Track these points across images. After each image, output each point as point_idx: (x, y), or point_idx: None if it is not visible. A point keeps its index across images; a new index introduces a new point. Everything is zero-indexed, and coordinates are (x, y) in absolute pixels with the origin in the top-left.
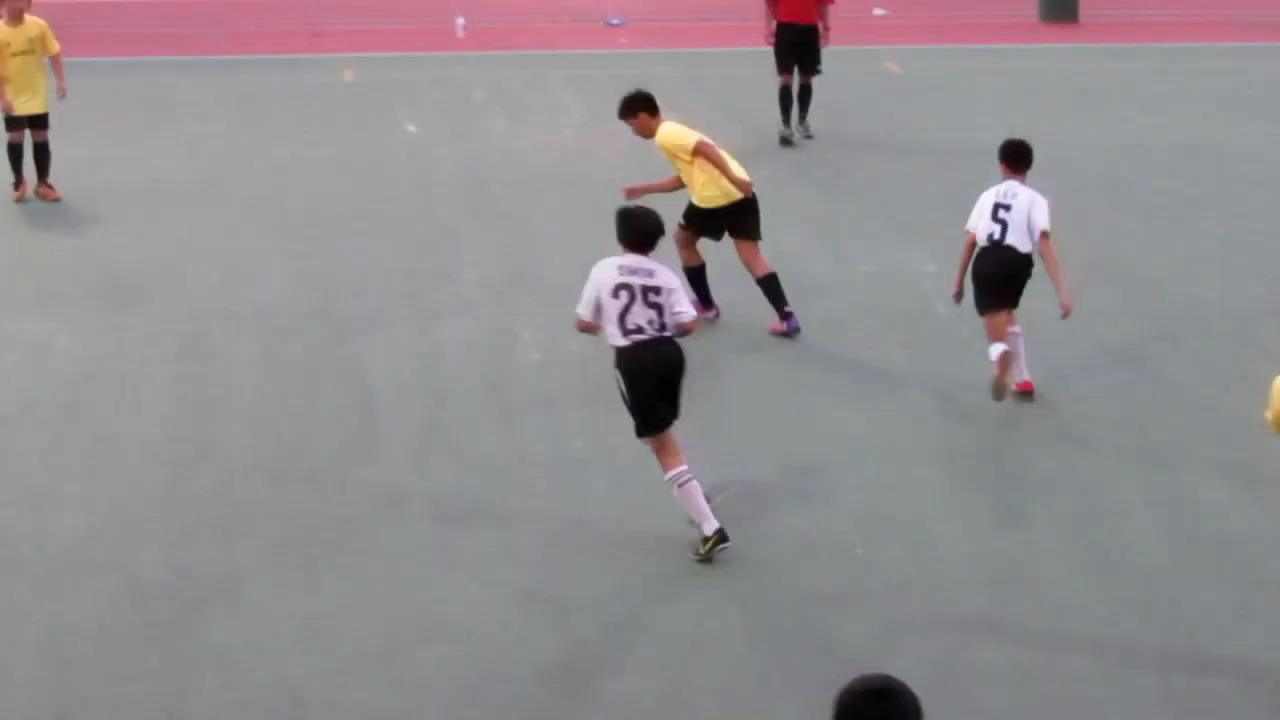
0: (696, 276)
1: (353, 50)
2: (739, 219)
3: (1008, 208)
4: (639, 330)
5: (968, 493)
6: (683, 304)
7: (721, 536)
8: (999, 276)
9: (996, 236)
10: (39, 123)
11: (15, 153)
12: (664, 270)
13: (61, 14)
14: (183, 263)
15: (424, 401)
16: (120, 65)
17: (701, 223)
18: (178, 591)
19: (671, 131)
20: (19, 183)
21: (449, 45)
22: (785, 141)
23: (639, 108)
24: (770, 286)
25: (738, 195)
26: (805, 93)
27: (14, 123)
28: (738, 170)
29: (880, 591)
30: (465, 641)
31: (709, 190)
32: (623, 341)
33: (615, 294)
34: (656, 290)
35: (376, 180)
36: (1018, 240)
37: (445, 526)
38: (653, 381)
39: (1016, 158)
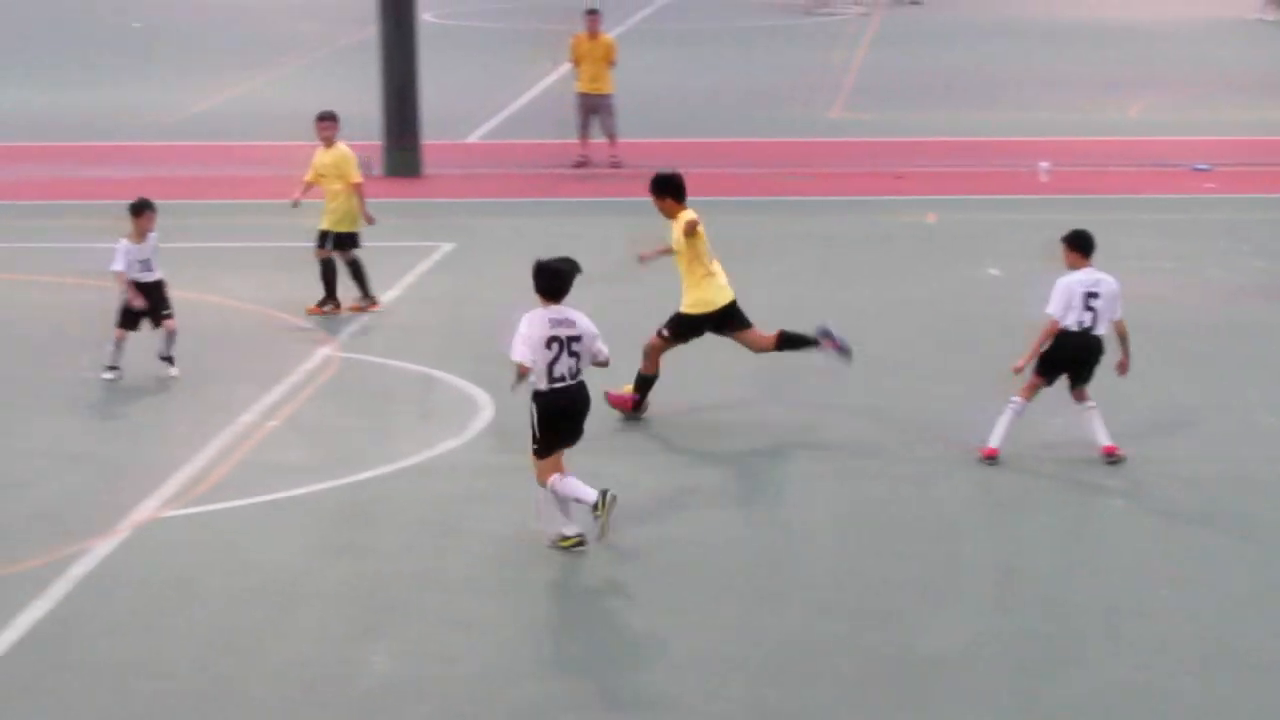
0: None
1: (935, 193)
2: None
3: (1096, 295)
4: (561, 379)
5: None
6: (601, 345)
7: (581, 540)
8: (1082, 360)
9: (1087, 324)
10: (339, 243)
11: (325, 269)
12: (581, 318)
13: (646, 155)
14: (760, 399)
15: (1005, 544)
16: (706, 205)
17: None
18: None
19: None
20: (324, 301)
21: (1032, 189)
22: None
23: (665, 191)
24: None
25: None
26: None
27: (320, 239)
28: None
29: None
30: None
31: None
32: (544, 387)
33: (548, 345)
34: (578, 339)
35: (958, 323)
36: (1102, 327)
37: (1024, 673)
38: (564, 423)
39: (1087, 245)
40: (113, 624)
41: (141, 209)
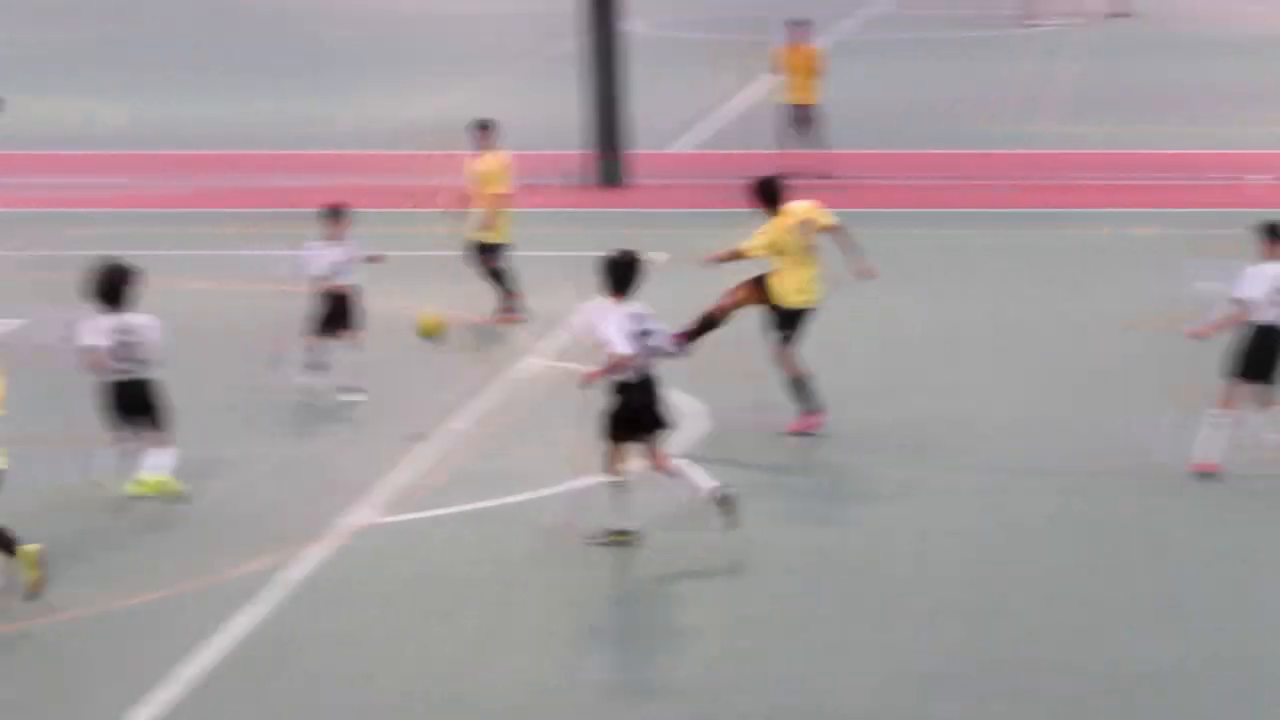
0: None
1: (1145, 206)
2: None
3: None
4: (645, 371)
5: None
6: (664, 331)
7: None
8: (1272, 355)
9: (1272, 319)
10: (491, 251)
11: (497, 278)
12: (649, 310)
13: (854, 166)
14: (977, 416)
15: (1221, 561)
16: (915, 217)
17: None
18: None
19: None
20: (507, 309)
21: (1246, 202)
22: None
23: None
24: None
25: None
26: None
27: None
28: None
29: None
30: None
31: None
32: (633, 379)
33: (631, 341)
34: (650, 333)
35: (1168, 338)
36: None
37: (1239, 694)
38: (646, 413)
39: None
40: (326, 632)
41: (334, 214)
